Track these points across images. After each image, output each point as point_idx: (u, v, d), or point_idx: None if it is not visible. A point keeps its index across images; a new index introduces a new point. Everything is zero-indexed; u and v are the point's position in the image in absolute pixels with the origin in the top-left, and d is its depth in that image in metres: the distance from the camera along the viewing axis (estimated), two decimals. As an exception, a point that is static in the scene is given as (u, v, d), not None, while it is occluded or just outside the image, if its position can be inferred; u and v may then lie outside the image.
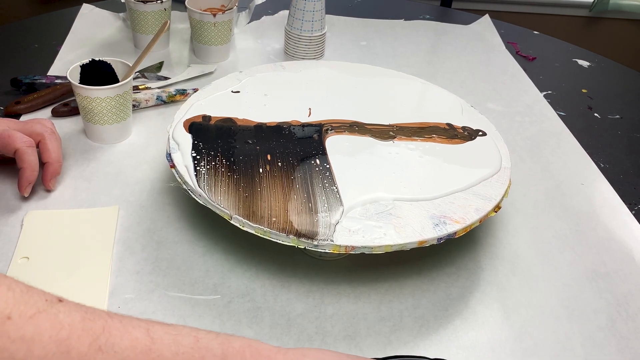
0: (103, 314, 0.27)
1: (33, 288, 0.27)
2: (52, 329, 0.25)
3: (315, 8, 0.86)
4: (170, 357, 0.27)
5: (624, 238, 0.61)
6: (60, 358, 0.25)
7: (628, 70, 1.00)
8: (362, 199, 0.52)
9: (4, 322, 0.24)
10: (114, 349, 0.26)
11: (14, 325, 0.24)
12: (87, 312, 0.27)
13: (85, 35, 0.91)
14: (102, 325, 0.27)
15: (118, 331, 0.27)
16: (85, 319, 0.26)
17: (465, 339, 0.48)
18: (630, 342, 0.49)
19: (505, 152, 0.60)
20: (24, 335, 0.24)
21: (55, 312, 0.26)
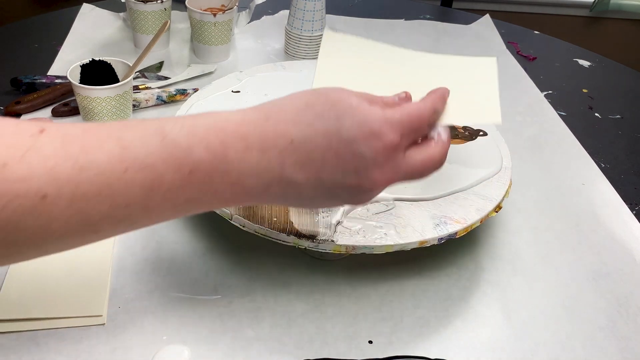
0: (78, 132, 0.31)
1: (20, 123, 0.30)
2: (40, 162, 0.29)
3: (316, 8, 0.86)
4: (143, 158, 0.31)
5: (625, 238, 0.61)
6: (52, 184, 0.29)
7: (629, 70, 1.00)
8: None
9: (2, 169, 0.28)
10: (93, 164, 0.30)
11: (10, 169, 0.28)
12: (65, 135, 0.30)
13: (85, 35, 0.91)
14: (79, 146, 0.30)
15: (93, 148, 0.30)
16: (65, 144, 0.30)
17: (465, 339, 0.48)
18: (631, 342, 0.49)
19: (506, 152, 0.60)
20: (20, 175, 0.28)
21: (40, 145, 0.29)
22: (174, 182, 0.32)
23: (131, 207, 0.31)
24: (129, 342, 0.45)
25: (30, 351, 0.44)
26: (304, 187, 0.35)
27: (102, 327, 0.46)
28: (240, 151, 0.34)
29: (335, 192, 0.36)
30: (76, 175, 0.30)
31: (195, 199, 0.33)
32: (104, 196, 0.30)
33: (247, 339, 0.46)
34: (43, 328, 0.45)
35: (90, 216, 0.30)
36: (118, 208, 0.31)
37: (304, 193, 0.36)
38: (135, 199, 0.31)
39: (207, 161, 0.33)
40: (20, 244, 0.30)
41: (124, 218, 0.32)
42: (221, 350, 0.45)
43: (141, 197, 0.31)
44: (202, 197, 0.34)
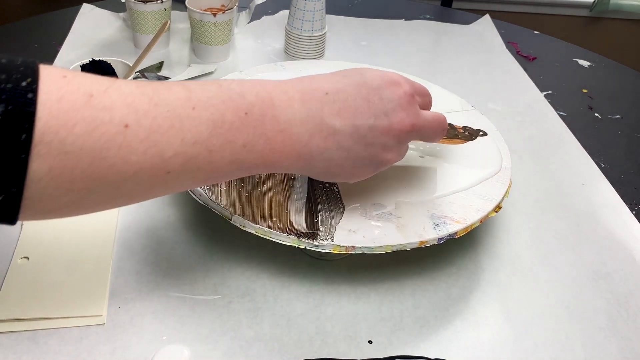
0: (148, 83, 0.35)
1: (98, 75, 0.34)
2: (121, 97, 0.32)
3: (316, 8, 0.86)
4: (206, 100, 0.36)
5: (625, 238, 0.61)
6: (132, 116, 0.32)
7: (628, 70, 1.00)
8: (362, 199, 0.52)
9: (89, 99, 0.31)
10: (165, 102, 0.34)
11: (96, 99, 0.31)
12: (137, 83, 0.34)
13: (85, 35, 0.91)
14: (151, 89, 0.34)
15: (163, 90, 0.35)
16: (139, 86, 0.34)
17: (465, 339, 0.48)
18: (631, 342, 0.49)
19: (506, 152, 0.60)
20: (105, 105, 0.31)
21: (118, 85, 0.33)
22: (233, 122, 0.36)
23: (198, 145, 0.35)
24: (128, 342, 0.45)
25: (30, 351, 0.44)
26: (342, 135, 0.41)
27: (102, 327, 0.46)
28: (285, 101, 0.40)
29: (370, 139, 0.42)
30: (152, 109, 0.33)
31: (250, 145, 0.37)
32: (175, 130, 0.34)
33: (247, 339, 0.46)
34: (43, 328, 0.45)
35: (163, 151, 0.34)
36: (187, 145, 0.34)
37: (342, 142, 0.41)
38: (201, 137, 0.35)
39: (258, 105, 0.38)
40: (101, 177, 0.32)
41: (192, 158, 0.35)
42: (221, 350, 0.45)
43: (206, 136, 0.35)
44: (256, 142, 0.38)
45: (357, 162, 0.43)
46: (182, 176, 0.36)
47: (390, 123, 0.42)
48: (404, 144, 0.45)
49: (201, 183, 0.38)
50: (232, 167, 0.38)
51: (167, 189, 0.37)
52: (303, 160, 0.41)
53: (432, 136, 0.47)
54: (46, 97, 0.29)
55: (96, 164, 0.31)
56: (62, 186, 0.31)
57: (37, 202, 0.31)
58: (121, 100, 0.32)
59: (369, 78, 0.43)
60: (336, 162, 0.42)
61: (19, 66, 0.30)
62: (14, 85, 0.29)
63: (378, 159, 0.43)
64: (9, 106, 0.28)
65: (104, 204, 0.35)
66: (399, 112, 0.42)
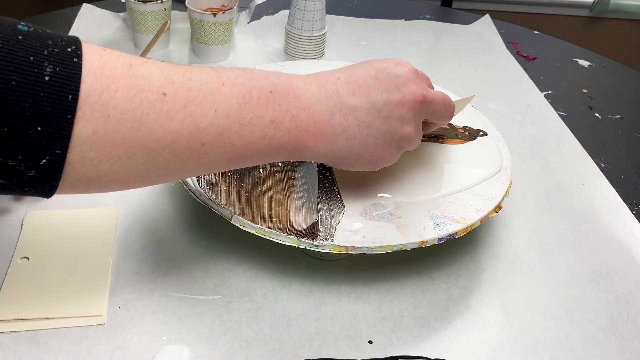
0: (180, 65, 0.37)
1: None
2: (157, 69, 0.34)
3: (316, 8, 0.86)
4: (233, 78, 0.38)
5: (625, 238, 0.61)
6: (169, 86, 0.34)
7: (628, 70, 1.00)
8: (362, 199, 0.52)
9: (129, 68, 0.33)
10: (197, 77, 0.36)
11: (134, 69, 0.33)
12: (168, 63, 0.36)
13: (85, 35, 0.91)
14: (183, 67, 0.36)
15: (194, 68, 0.37)
16: (171, 64, 0.36)
17: (465, 339, 0.48)
18: (631, 342, 0.49)
19: (506, 152, 0.60)
20: (144, 74, 0.33)
21: (152, 61, 0.35)
22: (259, 98, 0.38)
23: (229, 118, 0.37)
24: (128, 342, 0.45)
25: (30, 351, 0.44)
26: (360, 112, 0.43)
27: (102, 327, 0.46)
28: (303, 84, 0.42)
29: (387, 113, 0.44)
30: (186, 82, 0.35)
31: (277, 121, 0.39)
32: (209, 102, 0.36)
33: (247, 339, 0.46)
34: (43, 328, 0.45)
35: (198, 121, 0.35)
36: (220, 117, 0.36)
37: (361, 118, 0.43)
38: (232, 110, 0.37)
39: (281, 86, 0.40)
40: (140, 143, 0.33)
41: (225, 130, 0.37)
42: (221, 350, 0.45)
43: (237, 109, 0.37)
44: (283, 119, 0.40)
45: (378, 138, 0.44)
46: (215, 149, 0.37)
47: (403, 95, 0.44)
48: (419, 116, 0.46)
49: (232, 162, 0.39)
50: (262, 143, 0.39)
51: (200, 164, 0.37)
52: (327, 138, 0.42)
53: (442, 112, 0.48)
54: (90, 62, 0.31)
55: (136, 130, 0.33)
56: (103, 151, 0.32)
57: (78, 167, 0.32)
58: (158, 72, 0.34)
59: (374, 63, 0.46)
60: (358, 140, 0.44)
61: (63, 36, 0.31)
62: (60, 50, 0.30)
63: (398, 134, 0.45)
64: (56, 68, 0.29)
65: (140, 176, 0.36)
66: (409, 85, 0.45)
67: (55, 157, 0.30)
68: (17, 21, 0.31)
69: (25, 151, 0.30)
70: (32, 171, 0.30)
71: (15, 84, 0.28)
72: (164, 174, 0.37)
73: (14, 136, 0.29)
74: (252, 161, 0.41)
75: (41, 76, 0.29)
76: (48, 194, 0.33)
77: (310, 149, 0.42)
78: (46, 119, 0.29)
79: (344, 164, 0.46)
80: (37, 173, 0.31)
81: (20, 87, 0.28)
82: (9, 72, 0.28)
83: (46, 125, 0.29)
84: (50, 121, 0.29)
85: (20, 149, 0.29)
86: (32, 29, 0.30)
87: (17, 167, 0.30)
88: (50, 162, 0.30)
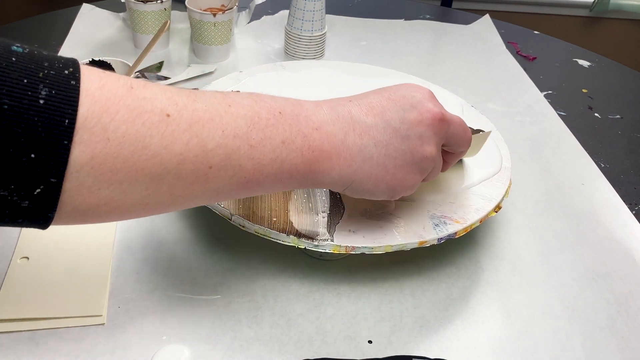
0: (183, 89, 0.36)
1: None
2: (160, 91, 0.33)
3: (316, 8, 0.86)
4: (240, 100, 0.37)
5: (624, 238, 0.61)
6: (173, 107, 0.33)
7: (628, 70, 1.00)
8: (362, 199, 0.52)
9: (130, 90, 0.31)
10: (202, 99, 0.35)
11: (136, 91, 0.32)
12: (174, 87, 0.35)
13: (85, 35, 0.91)
14: (187, 90, 0.35)
15: (200, 92, 0.36)
16: (175, 88, 0.35)
17: (465, 339, 0.48)
18: (631, 342, 0.49)
19: (506, 152, 0.60)
20: (145, 95, 0.32)
21: (155, 84, 0.34)
22: (269, 119, 0.37)
23: (238, 139, 0.35)
24: (128, 342, 0.45)
25: (30, 351, 0.44)
26: (375, 130, 0.41)
27: (102, 327, 0.46)
28: (313, 107, 0.40)
29: (405, 131, 0.42)
30: (191, 103, 0.34)
31: (289, 141, 0.37)
32: (215, 123, 0.34)
33: (247, 339, 0.46)
34: (43, 328, 0.45)
35: (205, 142, 0.34)
36: (228, 137, 0.35)
37: (377, 137, 0.41)
38: (241, 130, 0.35)
39: (290, 107, 0.39)
40: (143, 167, 0.32)
41: (233, 151, 0.35)
42: (221, 350, 0.45)
43: (245, 130, 0.35)
44: (295, 139, 0.38)
45: (398, 159, 0.42)
46: (223, 173, 0.35)
47: (420, 113, 0.42)
48: (439, 135, 0.43)
49: (242, 187, 0.37)
50: (273, 166, 0.37)
51: (207, 189, 0.35)
52: (343, 159, 0.40)
53: (462, 135, 0.45)
54: (88, 84, 0.30)
55: (138, 153, 0.31)
56: (103, 177, 0.30)
57: (76, 195, 0.30)
58: (161, 93, 0.33)
59: (387, 87, 0.44)
60: (376, 160, 0.41)
61: (60, 58, 0.30)
62: (56, 72, 0.29)
63: (419, 154, 0.42)
64: (52, 91, 0.28)
65: (143, 204, 0.34)
66: (425, 103, 0.43)
67: (51, 185, 0.29)
68: (12, 42, 0.29)
69: (17, 180, 0.28)
70: (26, 202, 0.28)
71: (7, 108, 0.27)
72: (169, 201, 0.35)
73: (5, 164, 0.27)
74: (264, 187, 0.38)
75: (36, 100, 0.27)
76: (44, 226, 0.31)
77: (326, 172, 0.39)
78: (41, 146, 0.28)
79: (363, 191, 0.42)
80: (31, 203, 0.29)
81: (12, 111, 0.27)
82: (1, 96, 0.27)
83: (41, 152, 0.28)
84: (45, 148, 0.28)
85: (12, 178, 0.28)
86: (27, 51, 0.29)
87: (9, 197, 0.28)
88: (45, 191, 0.29)
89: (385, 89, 0.44)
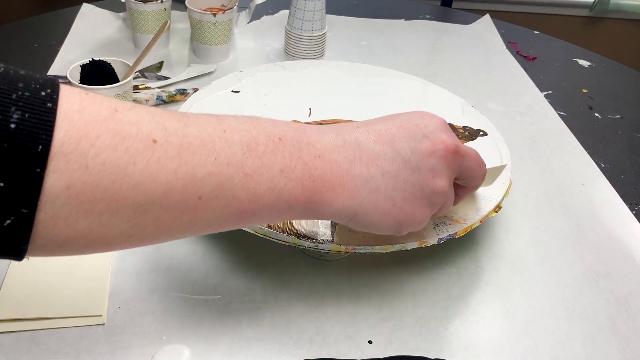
0: (175, 112, 0.34)
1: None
2: (148, 114, 0.31)
3: (316, 8, 0.86)
4: (237, 125, 0.34)
5: (625, 238, 0.61)
6: (161, 132, 0.30)
7: (629, 70, 1.00)
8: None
9: (114, 113, 0.29)
10: (194, 123, 0.32)
11: (121, 114, 0.29)
12: (165, 110, 0.33)
13: (85, 35, 0.91)
14: (179, 113, 0.33)
15: (192, 115, 0.34)
16: (166, 111, 0.32)
17: (465, 339, 0.48)
18: (631, 342, 0.49)
19: (506, 152, 0.60)
20: (131, 119, 0.30)
21: (143, 106, 0.31)
22: (267, 145, 0.34)
23: (232, 167, 0.33)
24: (128, 342, 0.45)
25: (30, 351, 0.44)
26: (384, 160, 0.38)
27: (102, 327, 0.46)
28: (317, 132, 0.38)
29: (416, 163, 0.39)
30: (182, 128, 0.31)
31: (289, 169, 0.35)
32: (207, 149, 0.32)
33: (247, 339, 0.46)
34: (43, 328, 0.45)
35: (195, 170, 0.31)
36: (220, 165, 0.32)
37: (386, 167, 0.38)
38: (235, 157, 0.33)
39: (291, 132, 0.36)
40: (125, 197, 0.29)
41: (226, 180, 0.32)
42: (221, 350, 0.45)
43: (240, 157, 0.33)
44: (295, 167, 0.35)
45: (407, 191, 0.39)
46: (215, 203, 0.32)
47: (433, 143, 0.39)
48: (451, 169, 0.41)
49: (236, 219, 0.34)
50: (270, 196, 0.34)
51: (197, 221, 0.33)
52: (348, 190, 0.37)
53: (476, 169, 0.43)
54: (67, 107, 0.27)
55: (120, 182, 0.29)
56: (81, 207, 0.28)
57: (51, 227, 0.28)
58: (148, 117, 0.30)
59: (398, 114, 0.42)
60: (384, 192, 0.38)
61: (39, 78, 0.28)
62: (32, 94, 0.27)
63: (430, 187, 0.39)
64: (25, 114, 0.26)
65: (126, 236, 0.31)
66: (439, 134, 0.40)
67: (22, 216, 0.26)
68: None
69: None
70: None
71: None
72: (155, 234, 0.32)
73: None
74: (260, 218, 0.35)
75: (6, 124, 0.25)
76: (17, 258, 0.28)
77: (328, 203, 0.37)
78: (11, 174, 0.25)
79: (368, 224, 0.40)
80: (1, 235, 0.26)
81: None
82: None
83: (11, 181, 0.25)
84: (16, 176, 0.25)
85: None
86: (2, 70, 0.27)
87: None
88: (16, 222, 0.26)
89: (397, 116, 0.41)
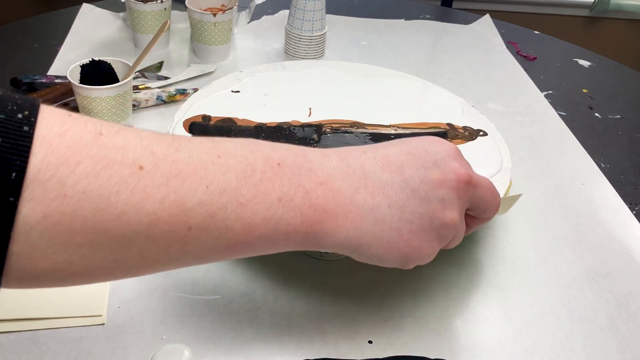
0: (167, 134, 0.32)
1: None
2: (136, 138, 0.28)
3: (316, 8, 0.86)
4: (233, 149, 0.32)
5: (624, 238, 0.61)
6: (149, 158, 0.28)
7: (629, 70, 1.00)
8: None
9: (98, 137, 0.27)
10: (186, 148, 0.30)
11: (106, 138, 0.27)
12: (155, 131, 0.31)
13: (85, 35, 0.91)
14: (170, 136, 0.31)
15: (185, 138, 0.31)
16: (157, 133, 0.30)
17: (465, 339, 0.48)
18: (631, 342, 0.49)
19: (506, 152, 0.60)
20: (117, 143, 0.27)
21: (132, 129, 0.29)
22: (264, 172, 0.32)
23: (225, 195, 0.30)
24: (128, 342, 0.45)
25: (30, 351, 0.44)
26: (391, 189, 0.36)
27: (102, 327, 0.46)
28: (319, 157, 0.35)
29: (425, 193, 0.37)
30: (172, 153, 0.29)
31: (287, 198, 0.33)
32: (199, 176, 0.30)
33: (247, 339, 0.46)
34: (43, 328, 0.45)
35: (185, 200, 0.29)
36: (213, 194, 0.30)
37: (393, 197, 0.36)
38: (229, 185, 0.31)
39: (291, 157, 0.34)
40: (107, 228, 0.27)
41: (218, 210, 0.30)
42: (221, 350, 0.45)
43: (235, 184, 0.31)
44: (294, 196, 0.33)
45: (414, 223, 0.37)
46: (206, 234, 0.30)
47: (444, 172, 0.37)
48: (463, 200, 0.38)
49: (229, 250, 0.32)
50: (267, 226, 0.32)
51: (187, 253, 0.31)
52: (351, 220, 0.35)
53: (489, 200, 0.40)
54: (46, 130, 0.25)
55: (102, 212, 0.26)
56: (59, 239, 0.26)
57: (26, 260, 0.26)
58: (136, 141, 0.28)
59: (408, 140, 0.39)
60: (389, 224, 0.36)
61: (17, 99, 0.26)
62: (7, 116, 0.24)
63: (439, 220, 0.37)
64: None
65: (109, 269, 0.29)
66: (450, 162, 0.38)
67: None
68: None
69: None
70: None
71: None
72: (140, 266, 0.30)
73: None
74: (255, 249, 0.34)
75: None
76: None
77: (329, 233, 0.35)
78: None
79: (371, 256, 0.37)
80: None
81: None
82: None
83: None
84: None
85: None
86: None
87: None
88: None
89: (406, 141, 0.39)
